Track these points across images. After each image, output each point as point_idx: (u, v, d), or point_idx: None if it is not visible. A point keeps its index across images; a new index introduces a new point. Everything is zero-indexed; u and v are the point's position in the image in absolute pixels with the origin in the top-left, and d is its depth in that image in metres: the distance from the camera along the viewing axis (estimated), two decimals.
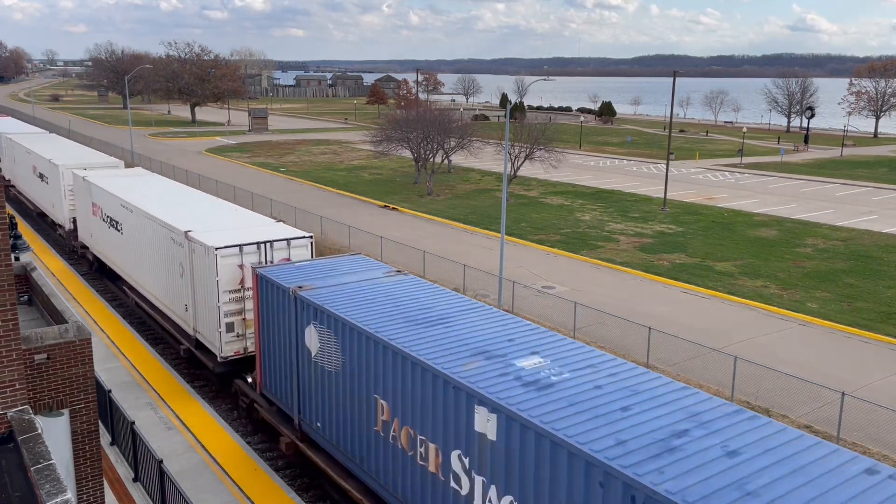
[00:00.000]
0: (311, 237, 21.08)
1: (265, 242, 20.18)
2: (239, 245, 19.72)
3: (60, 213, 35.44)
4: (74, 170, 32.91)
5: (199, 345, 21.53)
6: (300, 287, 15.92)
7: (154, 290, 24.51)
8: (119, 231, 27.11)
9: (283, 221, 23.63)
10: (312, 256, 20.76)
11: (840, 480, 8.84)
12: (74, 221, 33.97)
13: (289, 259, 20.15)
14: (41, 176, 38.33)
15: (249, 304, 19.56)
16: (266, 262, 19.91)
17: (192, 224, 21.65)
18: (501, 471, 10.94)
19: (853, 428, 19.23)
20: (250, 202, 43.85)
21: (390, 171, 65.54)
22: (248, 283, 19.42)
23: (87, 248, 32.50)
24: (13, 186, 47.17)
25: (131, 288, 27.09)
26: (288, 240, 20.57)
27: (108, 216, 28.26)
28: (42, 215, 40.88)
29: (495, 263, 31.12)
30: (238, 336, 20.08)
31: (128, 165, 42.37)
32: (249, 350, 20.16)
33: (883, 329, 27.17)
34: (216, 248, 19.32)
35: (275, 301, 16.88)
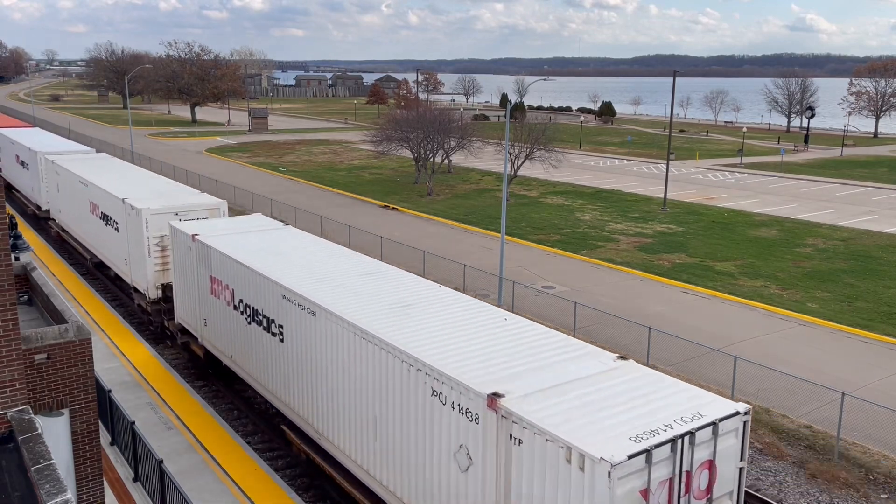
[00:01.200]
0: (748, 412, 11.12)
1: (685, 435, 10.28)
2: (647, 450, 9.79)
3: (141, 276, 25.10)
4: (172, 221, 23.09)
5: None
6: None
7: (373, 466, 14.34)
8: (276, 337, 17.13)
9: (626, 357, 12.74)
10: (746, 446, 11.26)
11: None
12: (164, 289, 24.46)
13: (713, 462, 10.84)
14: (105, 218, 28.22)
15: None
16: (681, 474, 10.33)
17: (488, 371, 11.98)
18: None
19: (853, 428, 19.23)
20: (251, 202, 43.90)
21: (390, 171, 65.54)
22: None
23: (188, 332, 22.72)
24: (52, 220, 37.40)
25: (300, 434, 16.93)
26: (715, 424, 10.65)
27: (248, 306, 18.28)
28: (100, 265, 30.84)
29: (495, 263, 31.13)
30: None
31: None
32: None
33: (883, 329, 27.18)
34: (614, 465, 9.42)
35: None
